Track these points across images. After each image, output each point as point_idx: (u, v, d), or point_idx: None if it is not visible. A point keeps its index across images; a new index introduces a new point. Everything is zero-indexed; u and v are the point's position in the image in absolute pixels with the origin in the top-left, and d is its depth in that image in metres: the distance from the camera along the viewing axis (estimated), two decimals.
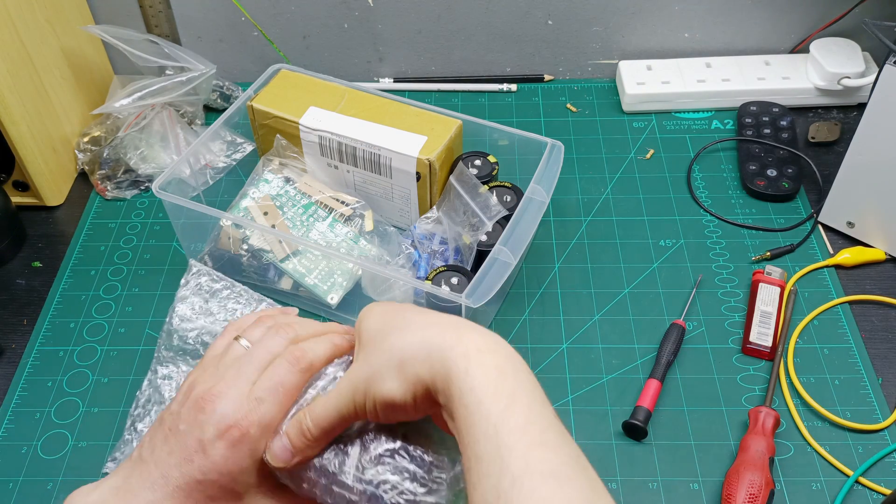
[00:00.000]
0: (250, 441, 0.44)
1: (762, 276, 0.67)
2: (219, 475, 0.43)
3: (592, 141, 0.82)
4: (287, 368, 0.45)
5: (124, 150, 0.77)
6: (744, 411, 0.60)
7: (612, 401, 0.61)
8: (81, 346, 0.66)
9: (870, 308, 0.67)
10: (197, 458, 0.43)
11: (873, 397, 0.61)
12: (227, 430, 0.43)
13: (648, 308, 0.67)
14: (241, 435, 0.43)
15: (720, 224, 0.73)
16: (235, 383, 0.45)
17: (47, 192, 0.76)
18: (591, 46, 0.88)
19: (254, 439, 0.44)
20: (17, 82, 0.69)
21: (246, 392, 0.44)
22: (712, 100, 0.84)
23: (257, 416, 0.44)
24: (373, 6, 0.84)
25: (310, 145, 0.69)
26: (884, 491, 0.56)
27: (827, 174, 0.74)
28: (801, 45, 0.87)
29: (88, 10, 0.83)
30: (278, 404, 0.44)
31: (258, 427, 0.44)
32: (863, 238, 0.71)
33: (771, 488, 0.54)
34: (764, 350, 0.63)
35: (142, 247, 0.73)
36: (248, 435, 0.43)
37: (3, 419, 0.61)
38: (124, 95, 0.74)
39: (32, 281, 0.71)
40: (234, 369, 0.46)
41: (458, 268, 0.62)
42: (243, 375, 0.45)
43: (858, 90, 0.82)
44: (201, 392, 0.45)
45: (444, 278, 0.61)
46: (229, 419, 0.43)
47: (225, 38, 0.87)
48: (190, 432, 0.44)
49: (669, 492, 0.56)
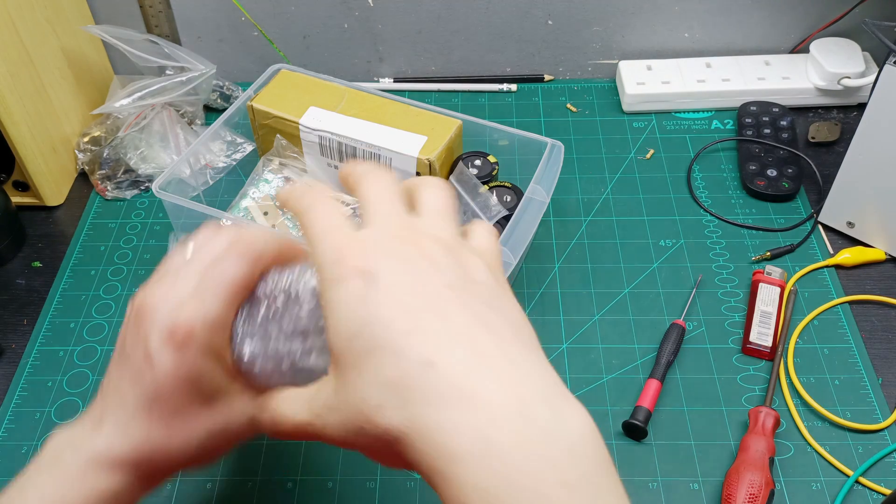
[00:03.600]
0: (198, 342, 0.40)
1: (762, 276, 0.67)
2: (173, 384, 0.40)
3: (592, 141, 0.82)
4: (231, 261, 0.41)
5: (124, 150, 0.77)
6: (744, 411, 0.60)
7: (612, 401, 0.61)
8: (81, 346, 0.66)
9: (870, 308, 0.67)
10: (147, 372, 0.40)
11: (873, 397, 0.61)
12: (169, 334, 0.39)
13: (648, 308, 0.67)
14: (185, 336, 0.39)
15: (720, 224, 0.73)
16: (174, 287, 0.41)
17: (47, 192, 0.76)
18: (591, 46, 0.88)
19: (202, 339, 0.40)
20: (17, 82, 0.69)
21: (187, 293, 0.40)
22: (712, 100, 0.84)
23: (201, 313, 0.40)
24: (373, 6, 0.84)
25: (310, 145, 0.69)
26: (884, 491, 0.56)
27: (827, 174, 0.74)
28: (801, 45, 0.87)
29: (88, 10, 0.83)
30: (224, 299, 0.41)
31: (203, 324, 0.40)
32: (863, 238, 0.71)
33: (771, 488, 0.54)
34: (764, 350, 0.63)
35: (142, 247, 0.73)
36: (193, 335, 0.39)
37: (3, 419, 0.61)
38: (124, 95, 0.74)
39: (32, 281, 0.71)
40: (171, 275, 0.42)
41: None
42: (182, 278, 0.41)
43: (858, 90, 0.82)
44: (139, 303, 0.42)
45: None
46: (169, 322, 0.40)
47: (225, 38, 0.87)
48: (135, 348, 0.41)
49: (669, 492, 0.56)
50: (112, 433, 0.41)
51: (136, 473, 0.41)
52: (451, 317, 0.33)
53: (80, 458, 0.41)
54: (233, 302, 0.41)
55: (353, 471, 0.58)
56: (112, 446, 0.41)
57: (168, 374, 0.40)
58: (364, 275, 0.34)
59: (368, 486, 0.57)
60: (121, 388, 0.41)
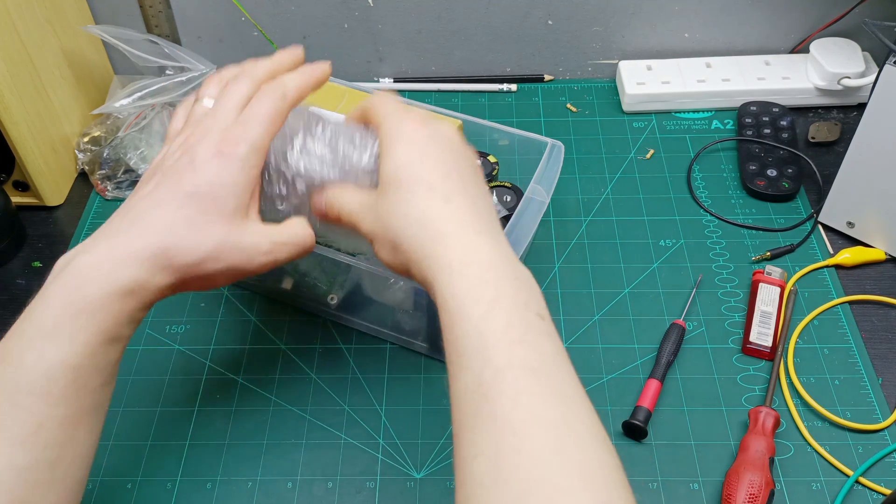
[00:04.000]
0: (240, 158, 0.46)
1: (762, 276, 0.67)
2: (210, 186, 0.45)
3: (592, 141, 0.82)
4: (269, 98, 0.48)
5: (124, 150, 0.77)
6: (744, 411, 0.60)
7: (612, 401, 0.61)
8: None
9: (870, 308, 0.67)
10: (187, 175, 0.45)
11: (873, 397, 0.61)
12: (217, 148, 0.46)
13: (648, 308, 0.67)
14: (231, 150, 0.46)
15: (720, 224, 0.73)
16: (215, 124, 0.47)
17: (47, 192, 0.76)
18: (591, 46, 0.88)
19: (244, 157, 0.46)
20: (17, 82, 0.69)
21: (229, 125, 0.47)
22: (712, 100, 0.84)
23: (246, 134, 0.46)
24: (373, 6, 0.84)
25: None
26: (884, 491, 0.56)
27: (827, 174, 0.74)
28: (801, 45, 0.87)
29: (88, 10, 0.83)
30: (265, 127, 0.47)
31: (247, 144, 0.46)
32: (863, 238, 0.71)
33: (771, 488, 0.54)
34: (764, 350, 0.63)
35: None
36: (237, 152, 0.46)
37: None
38: (124, 95, 0.74)
39: (32, 281, 0.71)
40: (207, 118, 0.48)
41: None
42: (219, 117, 0.47)
43: (858, 90, 0.82)
44: (181, 141, 0.47)
45: None
46: (217, 138, 0.46)
47: (225, 38, 0.87)
48: (179, 163, 0.46)
49: (669, 492, 0.56)
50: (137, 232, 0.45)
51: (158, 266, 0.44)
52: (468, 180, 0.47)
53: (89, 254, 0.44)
54: (270, 131, 0.47)
55: (352, 471, 0.58)
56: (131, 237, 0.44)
57: (206, 178, 0.45)
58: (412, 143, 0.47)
59: (368, 485, 0.57)
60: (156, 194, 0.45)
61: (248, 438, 0.59)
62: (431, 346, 0.63)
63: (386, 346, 0.65)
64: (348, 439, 0.59)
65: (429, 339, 0.63)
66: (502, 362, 0.38)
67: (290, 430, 0.60)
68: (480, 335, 0.39)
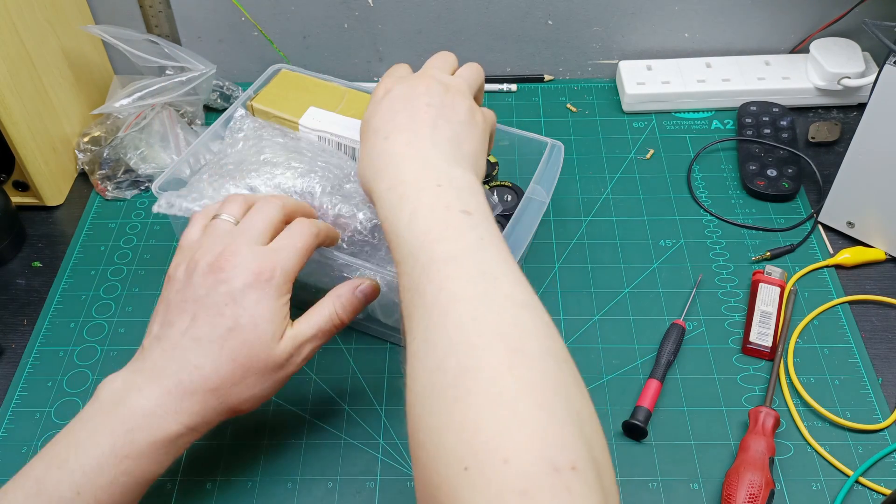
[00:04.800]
0: (276, 286, 0.48)
1: (762, 276, 0.67)
2: (251, 318, 0.47)
3: (592, 141, 0.82)
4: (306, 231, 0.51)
5: (124, 150, 0.77)
6: (744, 411, 0.60)
7: (612, 401, 0.61)
8: (81, 346, 0.66)
9: (870, 308, 0.67)
10: (228, 309, 0.47)
11: (873, 397, 0.61)
12: (255, 276, 0.47)
13: (648, 308, 0.67)
14: (268, 278, 0.48)
15: (720, 224, 0.73)
16: (245, 241, 0.49)
17: (47, 192, 0.76)
18: (591, 46, 0.88)
19: (278, 285, 0.48)
20: (17, 82, 0.69)
21: (260, 246, 0.49)
22: (712, 100, 0.84)
23: (280, 261, 0.49)
24: (373, 6, 0.84)
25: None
26: (884, 491, 0.56)
27: (827, 174, 0.74)
28: (801, 45, 0.87)
29: (88, 10, 0.83)
30: (298, 258, 0.50)
31: (281, 272, 0.48)
32: (863, 238, 0.71)
33: (771, 488, 0.54)
34: (764, 350, 0.63)
35: (142, 247, 0.73)
36: (273, 279, 0.48)
37: (3, 419, 0.61)
38: (124, 95, 0.74)
39: (32, 281, 0.71)
40: (234, 234, 0.50)
41: None
42: (249, 235, 0.50)
43: (858, 90, 0.82)
44: (211, 258, 0.48)
45: None
46: (253, 266, 0.48)
47: (225, 38, 0.87)
48: (212, 292, 0.47)
49: (669, 492, 0.56)
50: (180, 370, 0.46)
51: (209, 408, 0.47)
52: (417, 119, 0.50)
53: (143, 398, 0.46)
54: (299, 263, 0.50)
55: (352, 471, 0.58)
56: (182, 380, 0.46)
57: (248, 310, 0.47)
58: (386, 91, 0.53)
59: (368, 485, 0.57)
60: (194, 327, 0.47)
61: (248, 438, 0.59)
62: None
63: (386, 346, 0.65)
64: (348, 439, 0.59)
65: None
66: (426, 259, 0.42)
67: (290, 430, 0.60)
68: (407, 242, 0.44)
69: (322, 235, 0.53)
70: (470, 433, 0.35)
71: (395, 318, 0.62)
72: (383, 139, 0.50)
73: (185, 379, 0.46)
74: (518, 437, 0.34)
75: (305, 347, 0.50)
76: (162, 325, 0.48)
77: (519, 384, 0.36)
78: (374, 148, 0.50)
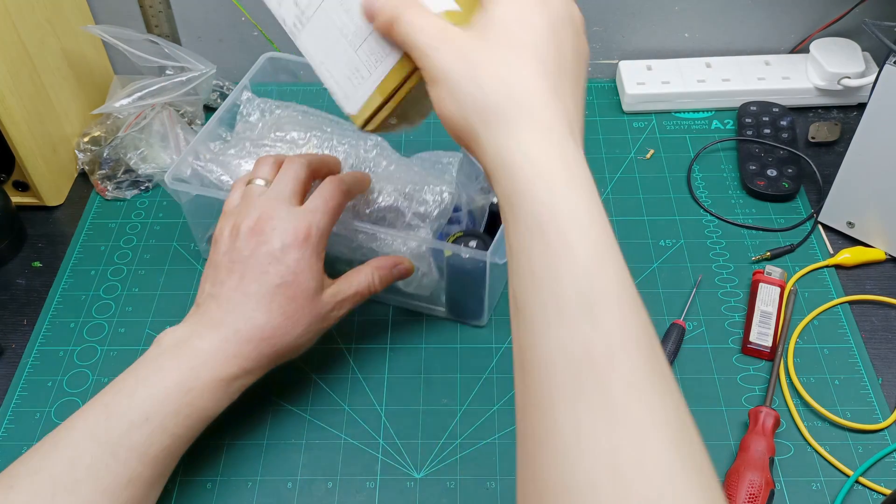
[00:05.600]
0: (312, 244, 0.52)
1: (762, 276, 0.67)
2: (294, 276, 0.52)
3: (592, 141, 0.82)
4: (336, 190, 0.54)
5: (124, 150, 0.77)
6: (744, 411, 0.60)
7: None
8: (81, 346, 0.66)
9: (870, 308, 0.67)
10: (272, 267, 0.51)
11: (873, 397, 0.61)
12: (293, 237, 0.52)
13: (648, 308, 0.66)
14: (305, 236, 0.52)
15: (720, 224, 0.73)
16: (279, 204, 0.53)
17: (47, 192, 0.76)
18: (591, 46, 0.87)
19: (315, 243, 0.52)
20: (17, 82, 0.69)
21: (294, 208, 0.53)
22: (712, 100, 0.84)
23: (315, 221, 0.53)
24: None
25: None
26: (884, 491, 0.56)
27: (827, 174, 0.74)
28: (801, 45, 0.87)
29: (88, 10, 0.83)
30: (330, 216, 0.53)
31: (317, 230, 0.52)
32: (863, 238, 0.71)
33: (771, 488, 0.54)
34: (764, 350, 0.63)
35: (142, 247, 0.73)
36: (311, 237, 0.52)
37: (3, 419, 0.61)
38: (124, 95, 0.74)
39: (32, 281, 0.71)
40: (267, 198, 0.54)
41: (474, 232, 0.64)
42: (282, 196, 0.53)
43: (858, 90, 0.82)
44: (251, 222, 0.53)
45: (464, 241, 0.63)
46: (291, 228, 0.52)
47: (225, 38, 0.87)
48: (256, 253, 0.52)
49: None
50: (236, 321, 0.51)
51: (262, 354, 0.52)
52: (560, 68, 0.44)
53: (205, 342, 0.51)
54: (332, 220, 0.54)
55: (352, 471, 0.58)
56: (239, 329, 0.51)
57: (290, 268, 0.51)
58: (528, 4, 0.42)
59: (368, 485, 0.57)
60: (242, 285, 0.51)
61: (248, 438, 0.59)
62: (450, 311, 0.65)
63: (386, 346, 0.65)
64: (348, 439, 0.59)
65: (448, 303, 0.65)
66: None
67: (290, 430, 0.60)
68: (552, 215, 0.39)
69: (351, 189, 0.56)
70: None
71: (413, 286, 0.64)
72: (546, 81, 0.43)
73: (242, 328, 0.51)
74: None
75: (344, 305, 0.56)
76: (213, 284, 0.52)
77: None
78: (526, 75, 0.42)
